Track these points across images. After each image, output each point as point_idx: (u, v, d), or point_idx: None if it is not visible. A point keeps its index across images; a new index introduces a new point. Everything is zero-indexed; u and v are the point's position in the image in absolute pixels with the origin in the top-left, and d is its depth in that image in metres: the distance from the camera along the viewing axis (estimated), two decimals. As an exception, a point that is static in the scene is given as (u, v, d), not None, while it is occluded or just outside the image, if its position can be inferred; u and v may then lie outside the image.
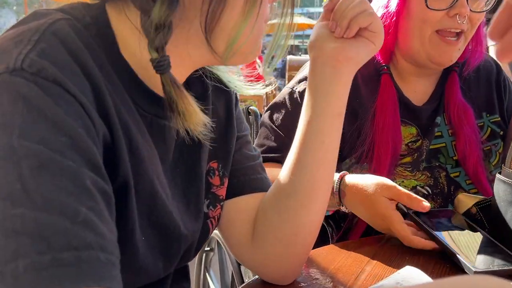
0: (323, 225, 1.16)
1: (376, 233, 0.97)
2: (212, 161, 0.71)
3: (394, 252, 0.88)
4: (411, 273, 0.70)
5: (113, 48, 0.54)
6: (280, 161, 1.03)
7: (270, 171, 0.81)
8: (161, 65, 0.50)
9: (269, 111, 1.14)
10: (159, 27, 0.49)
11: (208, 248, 1.72)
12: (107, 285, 0.37)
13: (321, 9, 0.75)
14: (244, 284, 0.76)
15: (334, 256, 0.85)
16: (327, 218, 1.16)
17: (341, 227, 1.14)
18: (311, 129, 0.68)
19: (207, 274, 1.75)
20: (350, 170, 1.06)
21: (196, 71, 0.64)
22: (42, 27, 0.47)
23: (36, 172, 0.39)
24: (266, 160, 1.06)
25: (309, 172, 0.68)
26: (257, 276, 0.76)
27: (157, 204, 0.57)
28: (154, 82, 0.56)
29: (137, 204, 0.53)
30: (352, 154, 1.07)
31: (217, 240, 1.61)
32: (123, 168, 0.50)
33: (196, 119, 0.54)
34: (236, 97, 0.75)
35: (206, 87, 0.67)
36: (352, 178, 0.94)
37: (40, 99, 0.42)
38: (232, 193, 0.73)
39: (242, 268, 1.33)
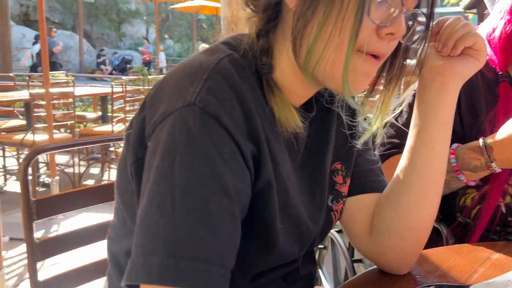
0: (437, 228, 1.21)
1: (491, 240, 1.01)
2: (336, 162, 0.82)
3: (510, 258, 0.91)
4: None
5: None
6: None
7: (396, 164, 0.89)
8: (263, 68, 0.66)
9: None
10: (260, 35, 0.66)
11: (322, 246, 1.82)
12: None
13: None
14: (361, 273, 0.86)
15: (447, 257, 0.91)
16: (441, 220, 1.20)
17: (456, 232, 1.18)
18: (421, 137, 0.77)
19: (319, 270, 1.85)
20: None
21: None
22: (210, 66, 0.62)
23: (182, 195, 0.54)
24: (391, 155, 1.15)
25: (419, 175, 0.76)
26: (373, 267, 0.86)
27: (289, 198, 0.69)
28: (296, 100, 0.71)
29: (277, 199, 0.66)
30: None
31: (330, 238, 1.70)
32: (267, 172, 0.64)
33: (290, 120, 0.66)
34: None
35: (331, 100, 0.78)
36: (493, 135, 1.02)
37: (199, 132, 0.56)
38: (354, 191, 0.83)
39: (355, 265, 1.41)
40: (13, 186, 4.34)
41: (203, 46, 10.47)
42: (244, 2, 0.71)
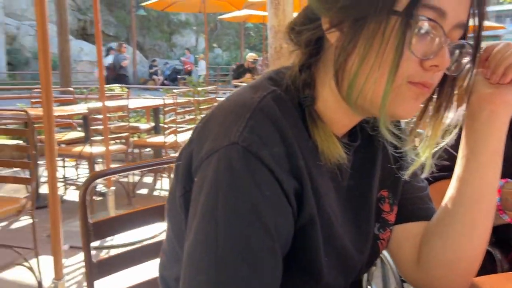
0: (490, 252, 1.17)
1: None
2: (383, 190, 0.82)
3: None
4: None
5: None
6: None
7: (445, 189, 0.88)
8: (305, 100, 0.68)
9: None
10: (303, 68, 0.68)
11: (371, 263, 1.80)
12: None
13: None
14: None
15: (501, 285, 0.88)
16: (495, 244, 1.16)
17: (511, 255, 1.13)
18: (470, 166, 0.75)
19: (369, 287, 1.83)
20: None
21: None
22: (253, 105, 0.64)
23: (225, 233, 0.57)
24: (441, 178, 1.12)
25: (468, 205, 0.75)
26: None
27: (333, 230, 0.70)
28: (339, 129, 0.72)
29: (321, 232, 0.67)
30: None
31: (380, 257, 1.68)
32: (309, 207, 0.65)
33: (333, 152, 0.67)
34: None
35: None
36: None
37: (241, 171, 0.59)
38: (401, 219, 0.83)
39: (405, 284, 1.39)
40: (73, 195, 4.55)
41: (251, 55, 10.60)
42: (286, 36, 0.73)
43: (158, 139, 4.66)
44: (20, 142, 4.37)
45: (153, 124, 5.64)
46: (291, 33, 0.72)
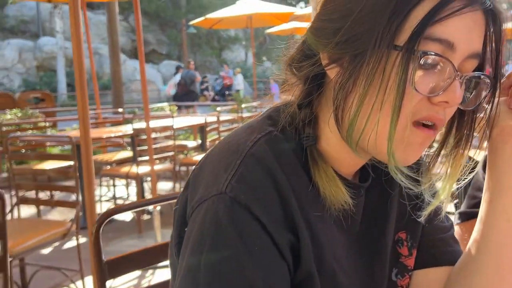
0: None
1: None
2: (401, 231, 0.74)
3: None
4: None
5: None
6: None
7: None
8: (307, 139, 0.62)
9: (483, 160, 1.10)
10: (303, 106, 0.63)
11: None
12: None
13: None
14: None
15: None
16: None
17: None
18: (494, 208, 0.66)
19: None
20: None
21: None
22: (245, 149, 0.59)
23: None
24: (475, 215, 1.02)
25: (493, 253, 0.66)
26: None
27: (337, 282, 0.63)
28: (348, 169, 0.66)
29: (322, 285, 0.61)
30: None
31: None
32: (307, 260, 0.59)
33: (337, 196, 0.61)
34: None
35: None
36: None
37: (228, 224, 0.54)
38: (421, 264, 0.74)
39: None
40: (122, 215, 4.67)
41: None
42: (287, 68, 0.68)
43: (203, 157, 4.68)
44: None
45: (200, 141, 5.71)
46: (290, 67, 0.67)
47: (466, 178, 0.67)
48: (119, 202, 4.85)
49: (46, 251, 3.55)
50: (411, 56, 0.54)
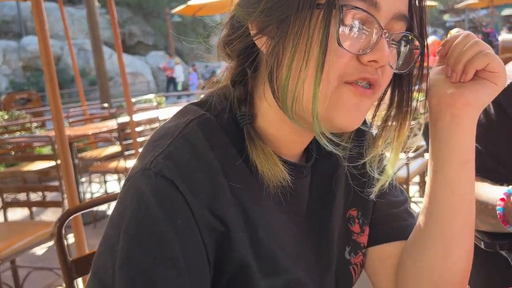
0: (504, 257, 1.05)
1: None
2: (351, 209, 0.74)
3: None
4: None
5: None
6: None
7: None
8: (243, 118, 0.61)
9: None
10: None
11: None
12: None
13: None
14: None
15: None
16: (510, 250, 1.05)
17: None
18: (438, 179, 0.66)
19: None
20: None
21: None
22: (176, 131, 0.58)
23: (122, 266, 0.51)
24: None
25: (441, 225, 0.66)
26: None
27: (280, 264, 0.62)
28: (289, 149, 0.65)
29: (259, 270, 0.60)
30: None
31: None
32: (239, 245, 0.58)
33: (275, 173, 0.60)
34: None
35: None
36: None
37: (151, 197, 0.52)
38: (374, 241, 0.74)
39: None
40: (115, 209, 4.65)
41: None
42: (221, 49, 0.67)
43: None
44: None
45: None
46: (225, 48, 0.66)
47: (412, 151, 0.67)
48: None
49: (38, 252, 3.56)
50: (332, 11, 0.53)
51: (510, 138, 1.05)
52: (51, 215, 4.32)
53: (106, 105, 6.62)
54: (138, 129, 4.10)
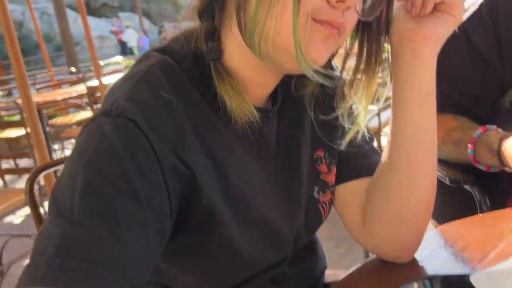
0: (469, 192, 1.10)
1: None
2: (318, 150, 0.75)
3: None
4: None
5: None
6: None
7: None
8: (210, 53, 0.60)
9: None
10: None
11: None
12: None
13: None
14: (365, 262, 0.80)
15: (465, 233, 0.82)
16: (474, 183, 1.09)
17: (493, 194, 1.07)
18: (401, 113, 0.67)
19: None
20: None
21: None
22: (138, 75, 0.58)
23: (82, 195, 0.48)
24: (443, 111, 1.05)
25: (405, 156, 0.68)
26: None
27: (251, 205, 0.64)
28: (255, 91, 0.64)
29: (231, 211, 0.61)
30: None
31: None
32: (208, 188, 0.58)
33: (243, 108, 0.60)
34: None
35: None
36: (509, 139, 0.95)
37: (112, 134, 0.51)
38: (341, 179, 0.76)
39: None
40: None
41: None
42: None
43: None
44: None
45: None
46: None
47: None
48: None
49: (16, 221, 3.54)
50: None
51: (474, 68, 1.08)
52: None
53: (73, 69, 6.44)
54: (108, 92, 4.03)
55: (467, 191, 1.10)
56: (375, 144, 0.81)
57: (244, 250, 0.64)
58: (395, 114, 0.68)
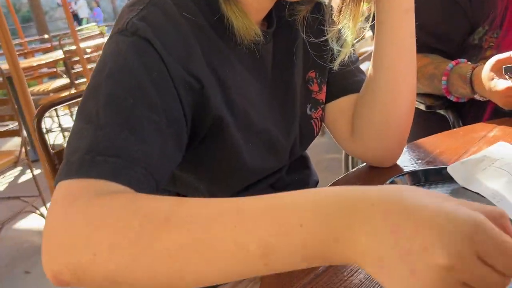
0: (443, 115, 1.20)
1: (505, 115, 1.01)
2: (310, 71, 0.83)
3: (507, 132, 0.91)
4: (501, 148, 0.75)
5: None
6: None
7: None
8: None
9: None
10: None
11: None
12: (125, 184, 0.50)
13: None
14: (353, 169, 0.90)
15: (440, 142, 0.92)
16: (448, 107, 1.20)
17: (466, 116, 1.17)
18: (383, 28, 0.76)
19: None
20: (484, 39, 1.10)
21: None
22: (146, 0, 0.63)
23: (106, 104, 0.55)
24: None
25: (386, 69, 0.76)
26: (364, 164, 0.89)
27: (252, 118, 0.71)
28: (252, 15, 0.70)
29: (235, 124, 0.69)
30: (484, 22, 1.12)
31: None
32: (215, 103, 0.65)
33: (248, 28, 0.66)
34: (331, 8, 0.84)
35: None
36: (480, 67, 1.04)
37: (128, 51, 0.58)
38: (332, 96, 0.85)
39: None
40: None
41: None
42: None
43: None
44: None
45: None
46: None
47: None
48: (67, 133, 4.77)
49: (1, 186, 3.55)
50: None
51: (444, 9, 1.16)
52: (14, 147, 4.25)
53: (46, 36, 6.30)
54: (86, 56, 4.00)
55: (441, 117, 1.21)
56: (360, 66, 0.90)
57: (248, 158, 0.72)
58: (378, 29, 0.76)
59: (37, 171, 3.15)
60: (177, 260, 0.40)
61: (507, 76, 0.89)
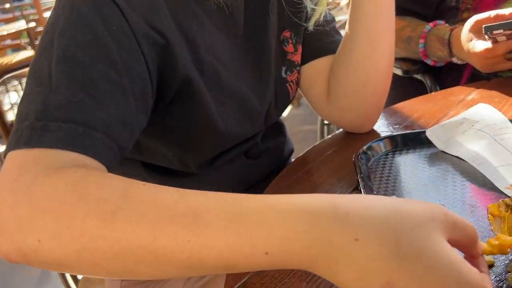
0: (420, 81, 1.18)
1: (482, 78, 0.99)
2: (285, 31, 0.78)
3: (484, 96, 0.89)
4: (481, 109, 0.72)
5: None
6: None
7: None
8: None
9: None
10: None
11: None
12: (81, 152, 0.45)
13: None
14: (328, 136, 0.86)
15: (419, 107, 0.89)
16: (425, 72, 1.17)
17: (443, 82, 1.15)
18: None
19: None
20: (461, 1, 1.12)
21: None
22: None
23: (59, 63, 0.49)
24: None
25: (363, 28, 0.72)
26: (340, 130, 0.85)
27: (223, 79, 0.66)
28: None
29: (205, 84, 0.64)
30: None
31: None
32: (182, 62, 0.60)
33: None
34: None
35: None
36: (458, 29, 1.01)
37: (81, 5, 0.51)
38: (308, 58, 0.80)
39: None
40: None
41: None
42: None
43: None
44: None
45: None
46: None
47: None
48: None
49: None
50: None
51: None
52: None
53: (8, 5, 6.00)
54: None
55: (419, 82, 1.18)
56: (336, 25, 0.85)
57: (221, 121, 0.67)
58: None
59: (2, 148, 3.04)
60: (124, 260, 0.37)
61: (486, 36, 0.86)
